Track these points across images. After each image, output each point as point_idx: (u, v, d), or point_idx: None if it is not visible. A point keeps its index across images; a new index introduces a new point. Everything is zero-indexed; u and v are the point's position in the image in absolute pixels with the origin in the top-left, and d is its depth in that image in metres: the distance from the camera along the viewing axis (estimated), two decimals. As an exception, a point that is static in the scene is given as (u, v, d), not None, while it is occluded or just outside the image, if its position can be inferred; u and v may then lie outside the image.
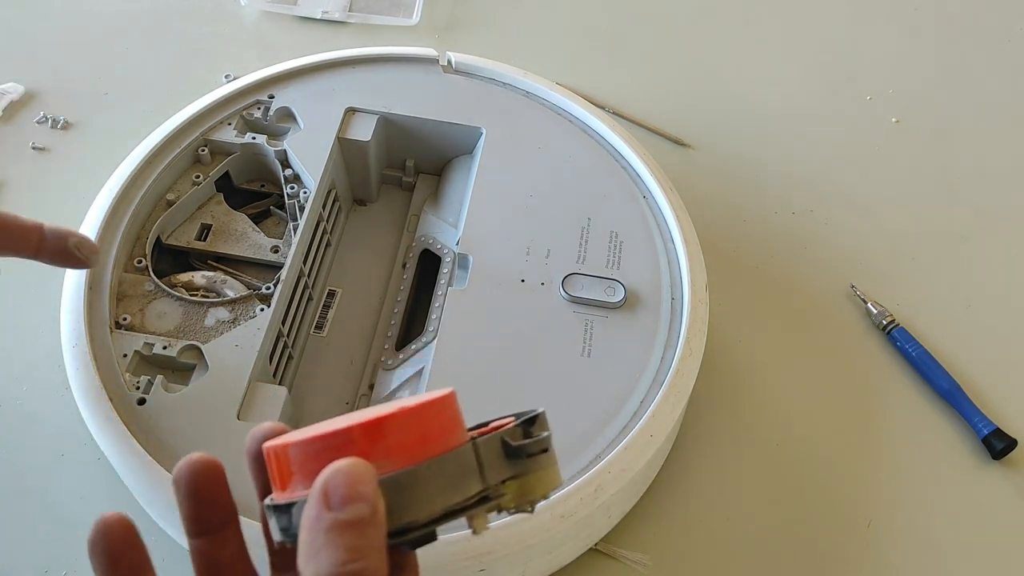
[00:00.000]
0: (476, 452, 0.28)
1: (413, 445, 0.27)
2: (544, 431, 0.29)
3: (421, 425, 0.27)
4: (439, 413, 0.28)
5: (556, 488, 0.30)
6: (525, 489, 0.29)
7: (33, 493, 0.53)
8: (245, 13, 0.79)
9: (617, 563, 0.52)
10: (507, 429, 0.29)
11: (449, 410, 0.29)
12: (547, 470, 0.29)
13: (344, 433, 0.26)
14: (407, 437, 0.27)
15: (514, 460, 0.29)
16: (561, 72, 0.73)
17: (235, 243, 0.56)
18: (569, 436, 0.48)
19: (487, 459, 0.28)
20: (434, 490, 0.26)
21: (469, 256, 0.54)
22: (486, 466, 0.28)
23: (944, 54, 0.81)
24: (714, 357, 0.58)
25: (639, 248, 0.55)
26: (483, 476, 0.28)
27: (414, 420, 0.27)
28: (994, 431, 0.57)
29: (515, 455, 0.29)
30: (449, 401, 0.29)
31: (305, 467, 0.26)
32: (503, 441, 0.29)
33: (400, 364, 0.53)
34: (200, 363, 0.49)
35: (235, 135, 0.58)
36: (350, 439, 0.26)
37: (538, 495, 0.29)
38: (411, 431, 0.27)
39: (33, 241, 0.42)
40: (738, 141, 0.73)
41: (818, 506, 0.55)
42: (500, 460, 0.28)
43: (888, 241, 0.68)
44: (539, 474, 0.29)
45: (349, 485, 0.25)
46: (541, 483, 0.29)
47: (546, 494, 0.29)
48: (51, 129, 0.70)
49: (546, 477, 0.29)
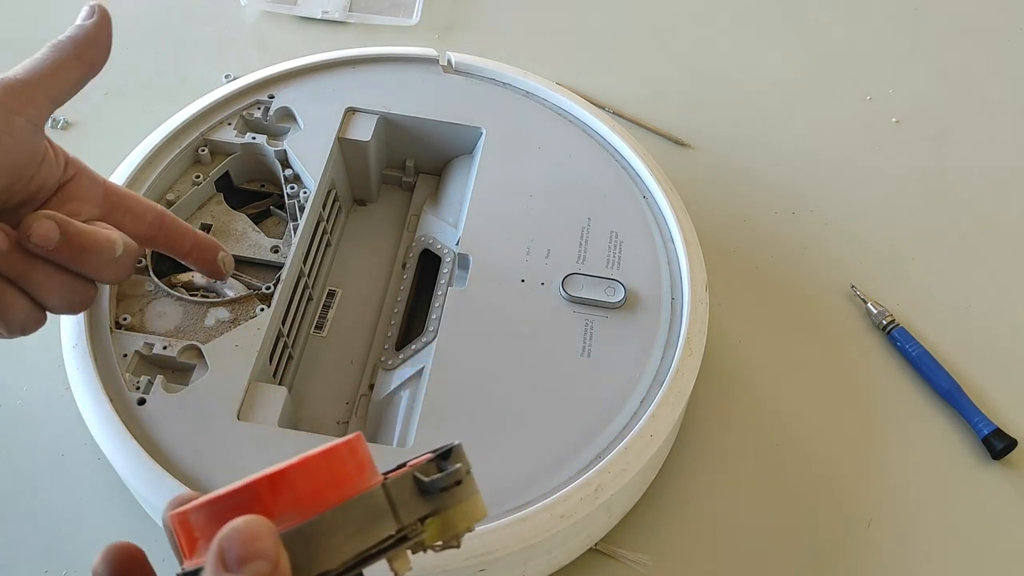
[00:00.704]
0: (387, 493, 0.27)
1: (317, 494, 0.27)
2: (458, 463, 0.29)
3: (323, 473, 0.27)
4: (343, 459, 0.28)
5: (481, 519, 0.30)
6: (448, 524, 0.29)
7: (33, 493, 0.53)
8: (245, 13, 0.79)
9: (617, 563, 0.52)
10: (419, 465, 0.29)
11: (355, 454, 0.29)
12: (468, 502, 0.29)
13: (242, 491, 0.26)
14: (309, 487, 0.27)
15: (429, 496, 0.28)
16: (561, 72, 0.73)
17: (235, 243, 0.56)
18: (569, 436, 0.48)
19: (400, 498, 0.28)
20: (344, 537, 0.26)
21: (469, 256, 0.54)
22: (399, 505, 0.28)
23: (944, 54, 0.81)
24: (714, 357, 0.58)
25: (639, 248, 0.55)
26: (397, 516, 0.27)
27: (315, 469, 0.27)
28: (994, 431, 0.57)
29: (429, 491, 0.28)
30: (354, 445, 0.29)
31: (207, 530, 0.26)
32: (415, 478, 0.28)
33: (400, 364, 0.53)
34: (200, 363, 0.49)
35: (235, 135, 0.58)
36: (249, 497, 0.26)
37: (461, 528, 0.29)
38: (313, 481, 0.27)
39: (187, 245, 0.47)
40: (738, 141, 0.73)
41: (818, 506, 0.55)
42: (415, 498, 0.28)
43: (888, 241, 0.68)
44: (459, 507, 0.29)
45: (245, 544, 0.24)
46: (463, 516, 0.29)
47: (470, 527, 0.29)
48: (51, 129, 0.69)
49: (468, 509, 0.29)
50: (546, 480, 0.46)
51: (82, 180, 0.42)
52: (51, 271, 0.39)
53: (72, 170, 0.42)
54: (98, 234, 0.40)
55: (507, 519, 0.44)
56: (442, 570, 0.43)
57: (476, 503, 0.30)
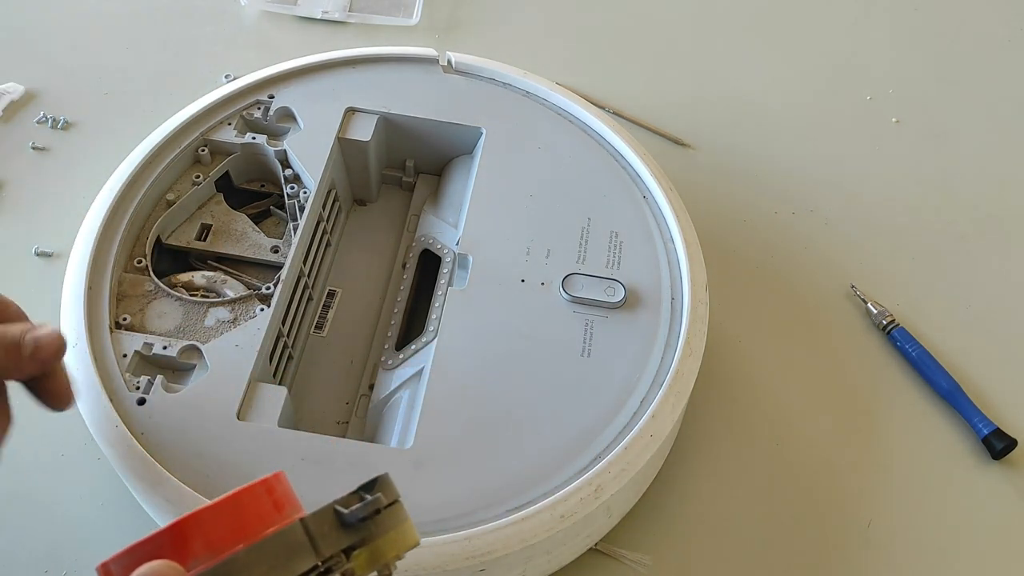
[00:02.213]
0: (305, 527, 0.28)
1: (232, 534, 0.27)
2: (379, 493, 0.29)
3: (237, 514, 0.28)
4: (259, 498, 0.29)
5: (412, 547, 0.30)
6: (376, 554, 0.29)
7: (33, 493, 0.53)
8: (245, 13, 0.79)
9: (617, 563, 0.52)
10: (340, 499, 0.29)
11: (272, 493, 0.29)
12: (396, 531, 0.30)
13: (157, 538, 0.27)
14: (223, 528, 0.27)
15: (351, 528, 0.29)
16: (561, 72, 0.73)
17: (235, 243, 0.56)
18: (569, 436, 0.48)
19: (319, 531, 0.28)
20: (259, 573, 0.27)
21: (469, 256, 0.54)
22: (319, 538, 0.28)
23: (944, 54, 0.81)
24: (714, 357, 0.58)
25: (639, 248, 0.55)
26: (317, 549, 0.28)
27: (228, 511, 0.28)
28: (994, 431, 0.57)
29: (350, 523, 0.29)
30: (271, 484, 0.29)
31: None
32: (336, 511, 0.29)
33: (400, 364, 0.53)
34: (200, 363, 0.49)
35: (235, 135, 0.58)
36: (163, 543, 0.27)
37: (390, 557, 0.29)
38: (226, 522, 0.27)
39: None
40: (738, 141, 0.73)
41: (818, 506, 0.55)
42: (335, 531, 0.28)
43: (888, 241, 0.68)
44: (387, 537, 0.29)
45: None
46: (392, 544, 0.29)
47: (399, 555, 0.30)
48: (51, 129, 0.70)
49: (397, 538, 0.30)
50: (546, 480, 0.46)
51: None
52: None
53: None
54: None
55: (507, 519, 0.44)
56: (442, 570, 0.43)
57: (405, 531, 0.30)
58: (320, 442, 0.47)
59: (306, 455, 0.46)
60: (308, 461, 0.46)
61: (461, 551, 0.43)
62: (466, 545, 0.43)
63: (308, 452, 0.46)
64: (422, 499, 0.45)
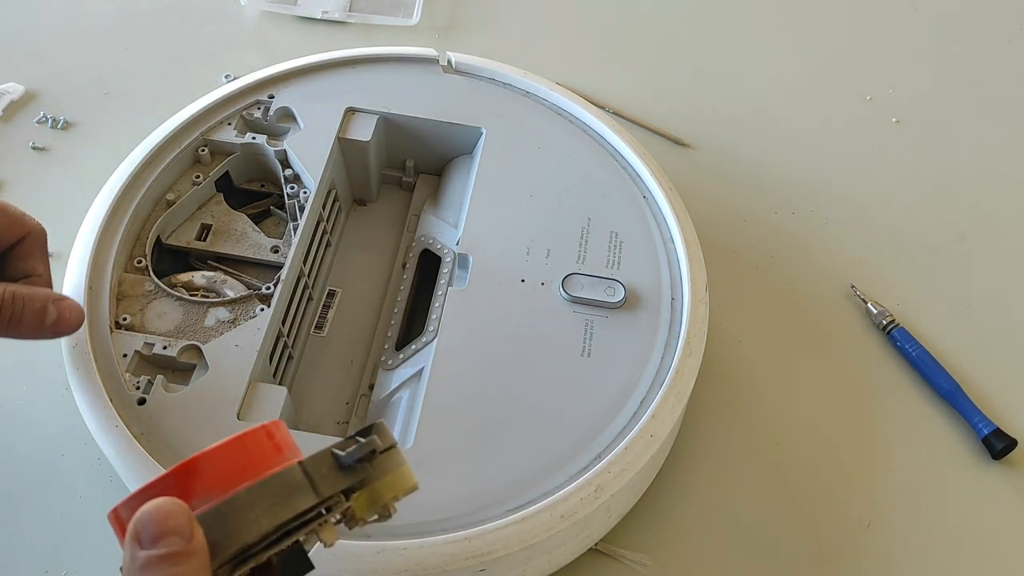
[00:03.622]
0: (304, 469, 0.29)
1: (234, 476, 0.28)
2: (374, 436, 0.30)
3: (239, 457, 0.29)
4: (260, 442, 0.29)
5: (410, 490, 0.31)
6: (375, 496, 0.30)
7: (33, 493, 0.53)
8: (245, 13, 0.79)
9: (617, 563, 0.52)
10: (338, 443, 0.30)
11: (272, 437, 0.30)
12: (393, 474, 0.30)
13: (162, 480, 0.28)
14: (224, 470, 0.28)
15: (349, 470, 0.30)
16: (561, 72, 0.73)
17: (235, 243, 0.56)
18: (569, 436, 0.48)
19: (318, 473, 0.29)
20: (260, 511, 0.27)
21: (469, 256, 0.54)
22: (318, 479, 0.29)
23: (944, 54, 0.81)
24: (714, 357, 0.58)
25: (639, 248, 0.55)
26: (316, 489, 0.29)
27: (229, 453, 0.28)
28: (994, 431, 0.57)
29: (347, 464, 0.29)
30: (271, 429, 0.30)
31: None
32: (333, 454, 0.30)
33: (400, 364, 0.53)
34: (200, 363, 0.49)
35: (235, 135, 0.58)
36: (167, 485, 0.28)
37: (388, 498, 0.30)
38: (228, 464, 0.28)
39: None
40: (738, 141, 0.73)
41: (818, 506, 0.55)
42: (333, 472, 0.29)
43: (888, 241, 0.68)
44: (385, 479, 0.30)
45: (157, 523, 0.26)
46: (389, 487, 0.30)
47: (397, 496, 0.31)
48: (51, 129, 0.70)
49: (394, 480, 0.30)
50: (546, 480, 0.46)
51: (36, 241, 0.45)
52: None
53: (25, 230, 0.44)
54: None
55: (507, 519, 0.44)
56: (442, 570, 0.43)
57: (403, 474, 0.31)
58: (320, 442, 0.46)
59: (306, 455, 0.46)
60: (308, 461, 0.46)
61: (461, 551, 0.43)
62: (466, 545, 0.43)
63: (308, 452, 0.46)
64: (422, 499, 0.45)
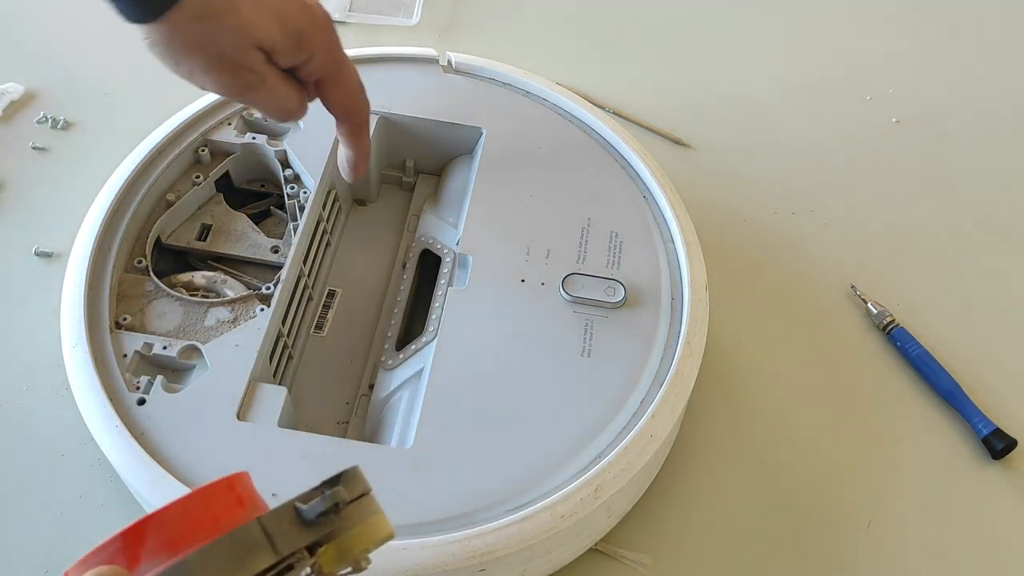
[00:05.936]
0: (262, 526, 0.27)
1: (187, 535, 0.27)
2: (343, 486, 0.29)
3: (194, 513, 0.28)
4: (217, 498, 0.28)
5: (385, 539, 0.29)
6: (344, 549, 0.29)
7: (33, 493, 0.53)
8: (245, 13, 0.79)
9: (617, 563, 0.52)
10: (301, 495, 0.29)
11: (231, 491, 0.29)
12: (365, 523, 0.29)
13: (112, 543, 0.27)
14: (177, 529, 0.27)
15: (312, 525, 0.28)
16: (561, 72, 0.73)
17: (235, 243, 0.56)
18: (569, 436, 0.48)
19: (278, 529, 0.28)
20: (212, 573, 0.26)
21: (469, 256, 0.54)
22: (277, 536, 0.27)
23: (944, 54, 0.81)
24: (714, 357, 0.58)
25: (639, 248, 0.55)
26: (275, 548, 0.27)
27: (184, 510, 0.27)
28: (994, 431, 0.57)
29: (309, 519, 0.28)
30: (231, 483, 0.29)
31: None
32: (295, 508, 0.28)
33: (400, 364, 0.53)
34: (200, 363, 0.49)
35: (235, 135, 0.58)
36: (118, 547, 0.27)
37: (358, 551, 0.29)
38: (182, 522, 0.27)
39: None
40: (738, 141, 0.73)
41: (818, 506, 0.55)
42: (295, 528, 0.28)
43: (888, 241, 0.68)
44: (355, 530, 0.29)
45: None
46: (360, 538, 0.29)
47: (368, 548, 0.29)
48: (51, 129, 0.69)
49: (365, 531, 0.29)
50: (546, 480, 0.46)
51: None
52: None
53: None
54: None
55: (507, 519, 0.44)
56: (442, 570, 0.43)
57: (375, 524, 0.29)
58: (320, 442, 0.47)
59: (306, 455, 0.46)
60: (308, 461, 0.46)
61: (461, 551, 0.43)
62: (466, 545, 0.43)
63: (308, 452, 0.46)
64: (422, 499, 0.45)
